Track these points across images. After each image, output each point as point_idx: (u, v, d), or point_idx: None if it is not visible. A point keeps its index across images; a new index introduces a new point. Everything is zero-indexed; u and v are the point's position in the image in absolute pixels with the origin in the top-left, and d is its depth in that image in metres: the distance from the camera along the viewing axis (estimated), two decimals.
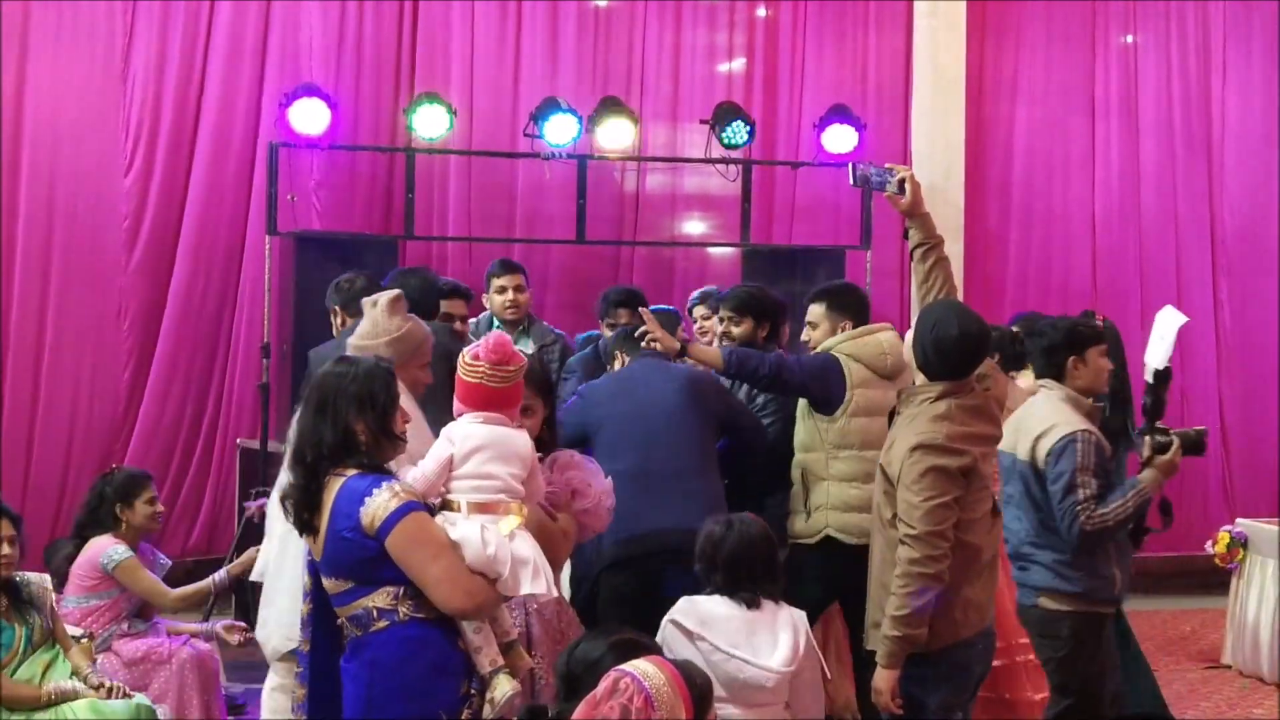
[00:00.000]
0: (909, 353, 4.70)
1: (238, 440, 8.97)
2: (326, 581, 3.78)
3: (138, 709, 5.14)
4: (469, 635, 3.75)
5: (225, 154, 9.19)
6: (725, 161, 9.31)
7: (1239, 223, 10.67)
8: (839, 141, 9.38)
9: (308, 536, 3.81)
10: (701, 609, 4.48)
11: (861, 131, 9.36)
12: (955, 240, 9.40)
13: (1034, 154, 10.53)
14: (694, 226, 10.23)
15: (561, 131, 8.78)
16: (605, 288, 9.67)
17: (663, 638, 4.40)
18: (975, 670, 4.66)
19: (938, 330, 4.54)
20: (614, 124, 8.93)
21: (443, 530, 3.72)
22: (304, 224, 9.04)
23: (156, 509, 6.19)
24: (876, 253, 9.47)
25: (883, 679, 4.45)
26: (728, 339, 6.42)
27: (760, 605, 4.52)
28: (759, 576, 4.57)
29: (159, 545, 6.56)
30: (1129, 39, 10.64)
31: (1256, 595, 7.96)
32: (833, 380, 5.79)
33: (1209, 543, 8.18)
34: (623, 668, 2.96)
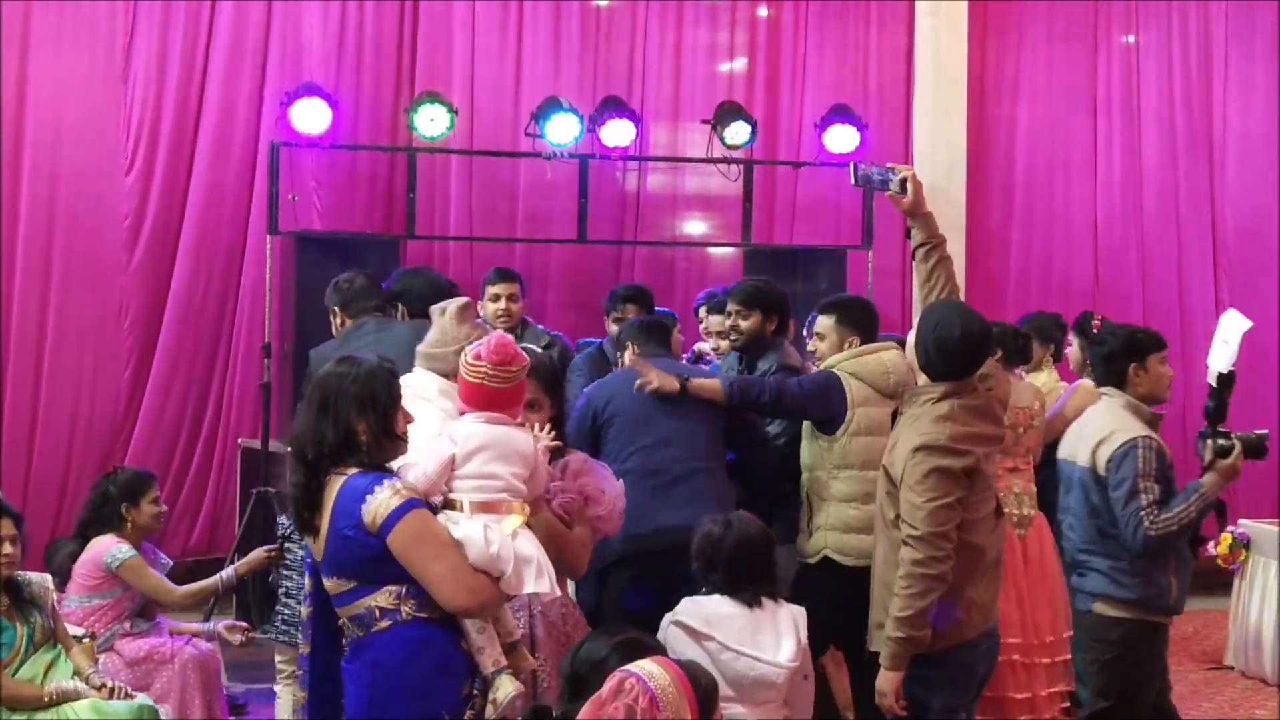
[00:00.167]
0: (911, 354, 4.69)
1: (239, 440, 8.96)
2: (328, 581, 3.75)
3: (140, 709, 5.13)
4: (472, 635, 3.74)
5: (226, 153, 9.18)
6: (727, 161, 9.31)
7: (1240, 222, 10.66)
8: (840, 141, 9.38)
9: (308, 536, 3.79)
10: (706, 609, 4.48)
11: (863, 131, 9.37)
12: (957, 240, 9.40)
13: (1035, 154, 10.54)
14: (695, 226, 10.22)
15: (563, 131, 8.78)
16: (607, 287, 9.67)
17: (664, 638, 4.38)
18: (979, 671, 4.66)
19: (940, 330, 4.53)
20: (616, 124, 8.92)
21: (445, 528, 3.71)
22: (305, 223, 9.03)
23: (160, 509, 6.20)
24: (878, 253, 9.47)
25: (887, 680, 4.45)
26: (735, 332, 6.35)
27: (761, 604, 4.53)
28: (758, 576, 4.57)
29: (159, 545, 6.55)
30: (1130, 39, 10.65)
31: (1259, 596, 7.96)
32: (833, 399, 5.67)
33: (1211, 544, 8.16)
34: (628, 668, 2.95)
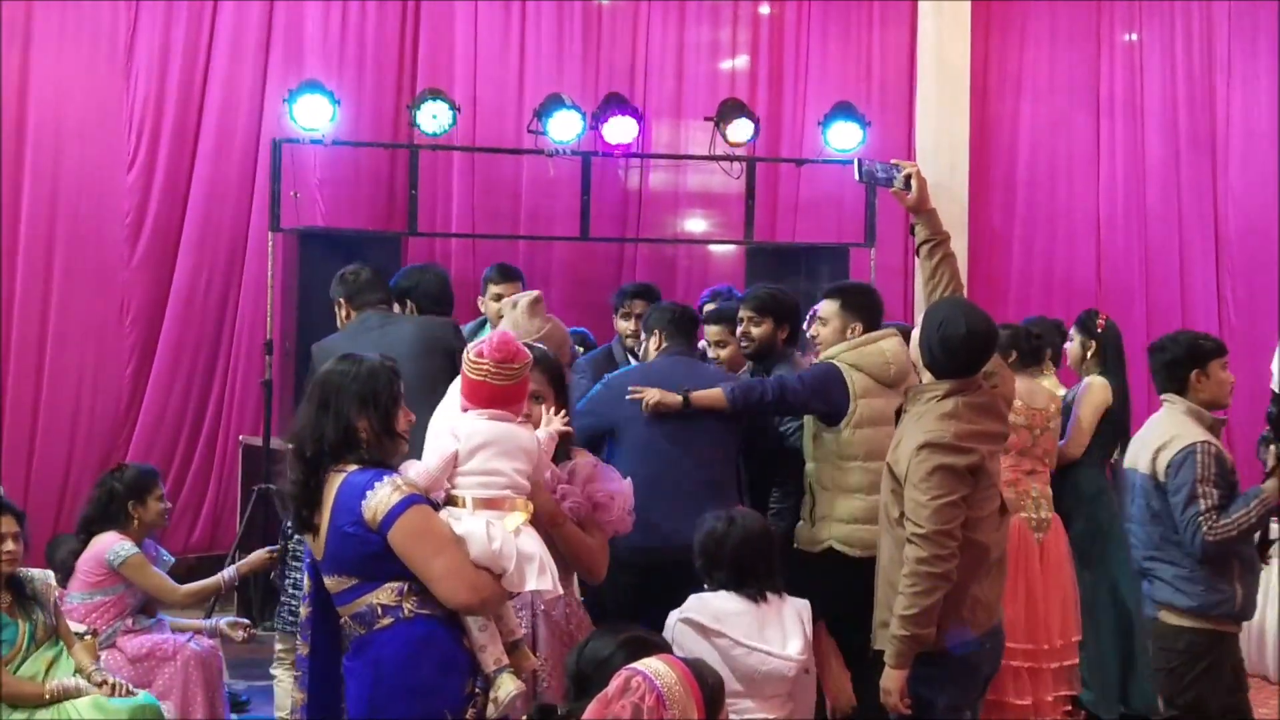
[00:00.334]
0: (915, 351, 4.67)
1: (240, 437, 8.96)
2: (328, 580, 3.73)
3: (143, 707, 5.12)
4: (474, 633, 3.72)
5: (228, 150, 9.16)
6: (729, 158, 9.30)
7: (1243, 220, 10.63)
8: (843, 138, 9.37)
9: (308, 535, 3.77)
10: (714, 606, 4.46)
11: (866, 128, 9.35)
12: (959, 237, 9.38)
13: (1038, 151, 10.53)
14: (698, 224, 10.21)
15: (565, 128, 8.76)
16: (609, 285, 9.70)
17: (671, 636, 4.37)
18: (983, 670, 4.64)
19: (945, 328, 4.50)
20: (618, 121, 8.90)
21: (446, 524, 3.69)
22: (307, 220, 9.01)
23: (166, 506, 6.20)
24: (881, 250, 9.46)
25: (891, 679, 4.42)
26: (747, 339, 6.32)
27: (766, 599, 4.52)
28: (762, 571, 4.56)
29: (161, 542, 6.54)
30: (1133, 37, 10.63)
31: (1262, 596, 7.90)
32: (835, 392, 5.63)
33: None
34: (634, 666, 2.94)
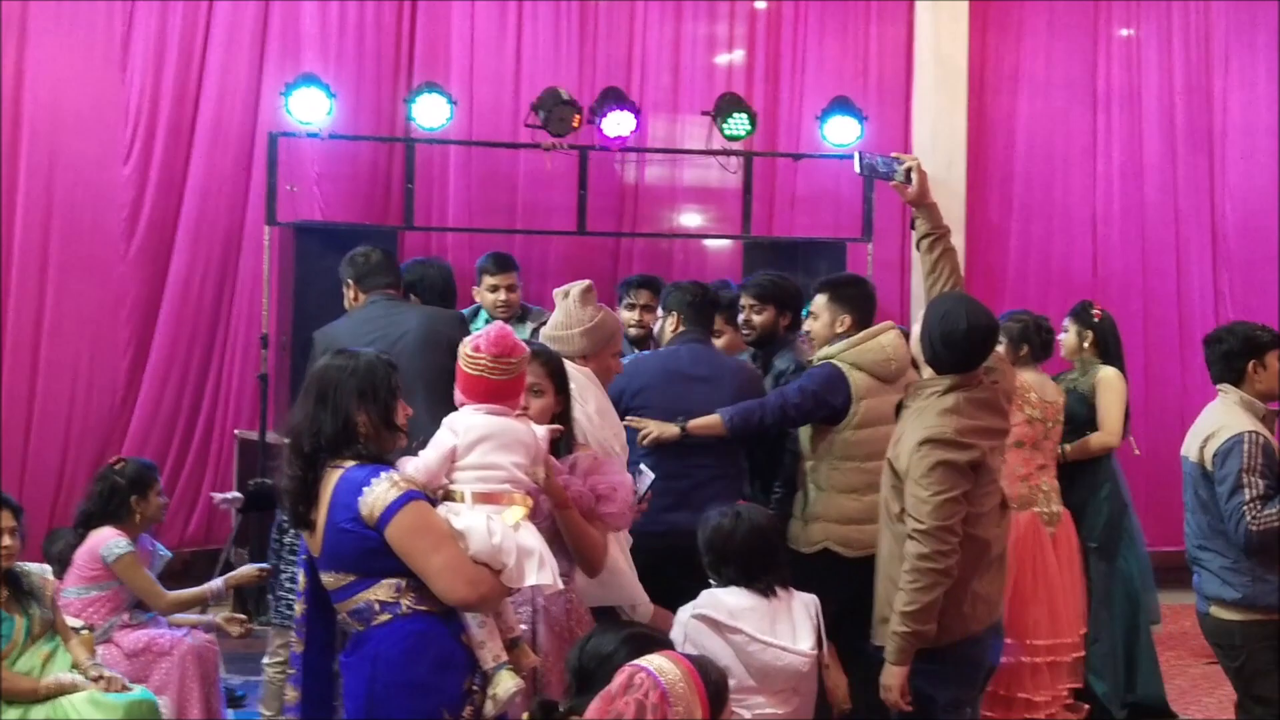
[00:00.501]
0: (916, 346, 4.65)
1: (236, 431, 8.93)
2: (326, 576, 3.71)
3: (139, 703, 5.09)
4: (473, 630, 3.70)
5: (224, 143, 9.12)
6: (726, 153, 9.28)
7: (1241, 215, 10.64)
8: (840, 133, 9.35)
9: (305, 531, 3.75)
10: (727, 602, 4.43)
11: (863, 123, 9.34)
12: (957, 232, 9.29)
13: (1036, 146, 10.50)
14: (695, 218, 10.19)
15: (563, 123, 8.72)
16: (606, 280, 9.66)
17: (684, 633, 4.35)
18: (984, 665, 4.64)
19: (946, 323, 4.49)
20: (616, 116, 8.86)
21: (444, 520, 3.66)
22: (303, 214, 8.99)
23: (164, 500, 6.19)
24: (878, 245, 9.44)
25: (892, 675, 4.42)
26: (748, 326, 6.31)
27: (776, 593, 4.49)
28: (770, 565, 4.54)
29: (156, 536, 6.52)
30: (1131, 32, 10.61)
31: None
32: (836, 395, 5.60)
33: None
34: (637, 663, 2.92)
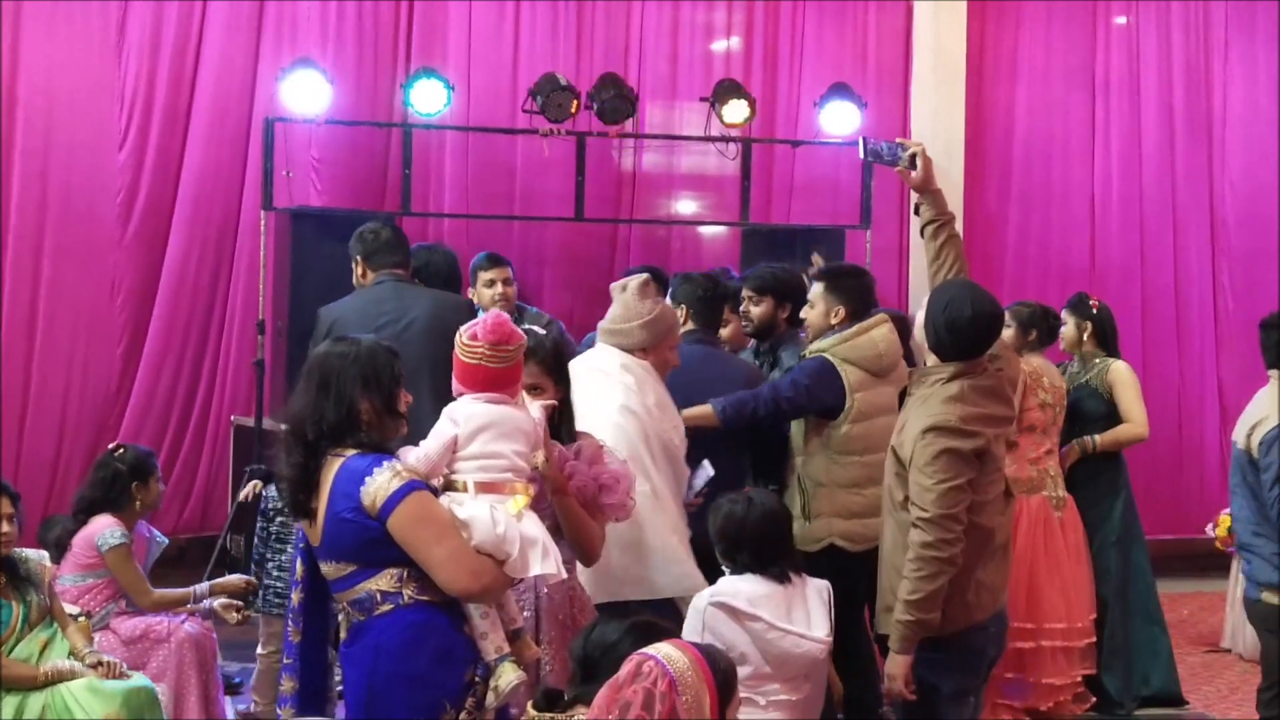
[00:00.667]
0: (920, 333, 4.63)
1: (232, 417, 8.90)
2: (326, 566, 3.69)
3: (137, 690, 5.06)
4: (475, 621, 3.67)
5: (220, 128, 9.09)
6: (725, 140, 9.25)
7: (1241, 204, 10.62)
8: (839, 120, 9.32)
9: (304, 520, 3.71)
10: (744, 589, 4.40)
11: (862, 110, 9.30)
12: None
13: (1034, 134, 10.47)
14: (693, 205, 10.16)
15: (561, 108, 8.68)
16: (603, 267, 9.69)
17: (703, 621, 4.32)
18: (989, 654, 4.61)
19: (950, 310, 4.45)
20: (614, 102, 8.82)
21: (447, 510, 3.63)
22: (300, 200, 8.94)
23: (163, 487, 6.16)
24: (876, 233, 9.41)
25: (896, 664, 4.38)
26: (747, 318, 6.27)
27: (790, 580, 4.47)
28: (783, 551, 4.52)
29: (152, 523, 6.48)
30: (1129, 19, 10.58)
31: None
32: (831, 390, 5.56)
33: (1210, 526, 8.15)
34: (645, 651, 2.89)
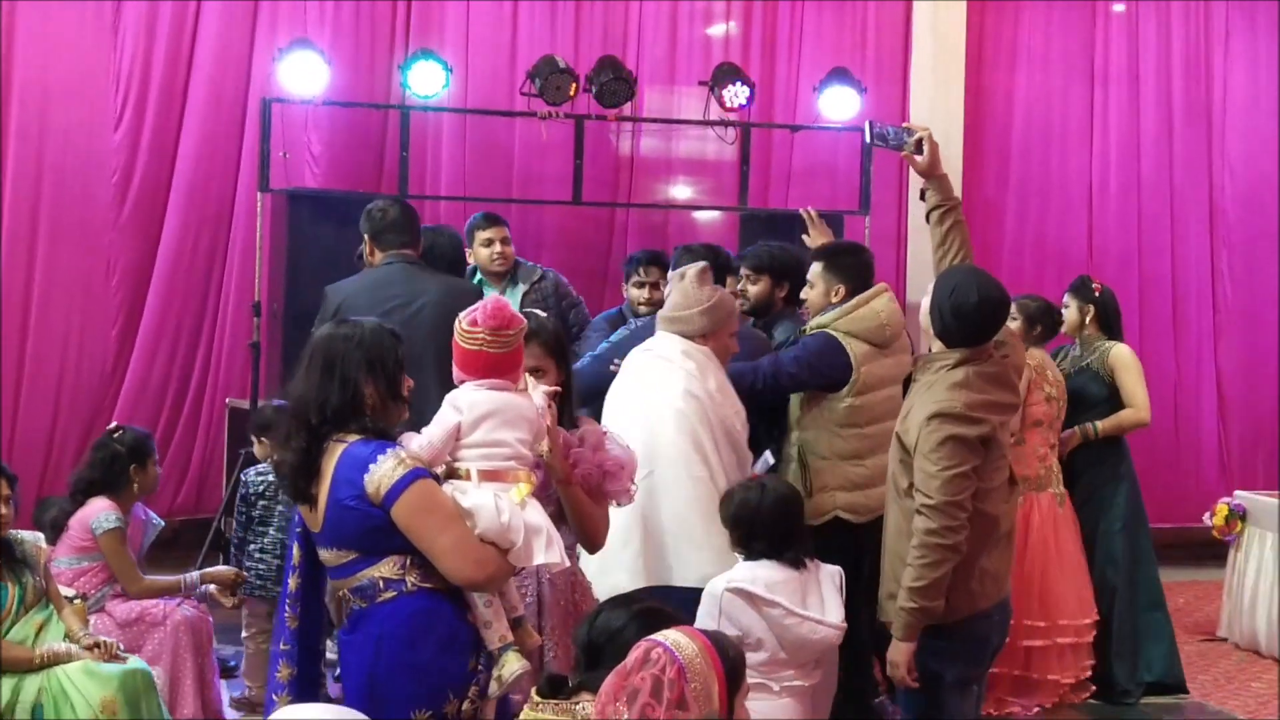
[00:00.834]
0: (925, 319, 4.60)
1: (227, 400, 8.84)
2: (326, 553, 3.65)
3: (133, 673, 5.03)
4: (479, 609, 3.64)
5: (217, 109, 9.04)
6: (724, 124, 9.20)
7: (1240, 192, 10.61)
8: (838, 105, 9.27)
9: (303, 506, 3.67)
10: (762, 575, 4.37)
11: (862, 95, 9.26)
12: None
13: (1033, 121, 10.44)
14: (691, 190, 10.10)
15: (560, 91, 8.63)
16: (600, 251, 9.66)
17: (719, 607, 4.29)
18: (992, 642, 4.59)
19: (957, 296, 4.42)
20: (613, 85, 8.76)
21: (451, 498, 3.60)
22: (296, 181, 8.88)
23: (159, 470, 6.13)
24: (875, 218, 9.36)
25: (899, 652, 4.36)
26: (744, 297, 6.22)
27: (805, 565, 4.45)
28: (797, 536, 4.50)
29: (146, 504, 6.45)
30: (1127, 8, 10.54)
31: (1255, 568, 7.93)
32: (834, 363, 5.55)
33: (1207, 515, 8.15)
34: (654, 638, 2.87)
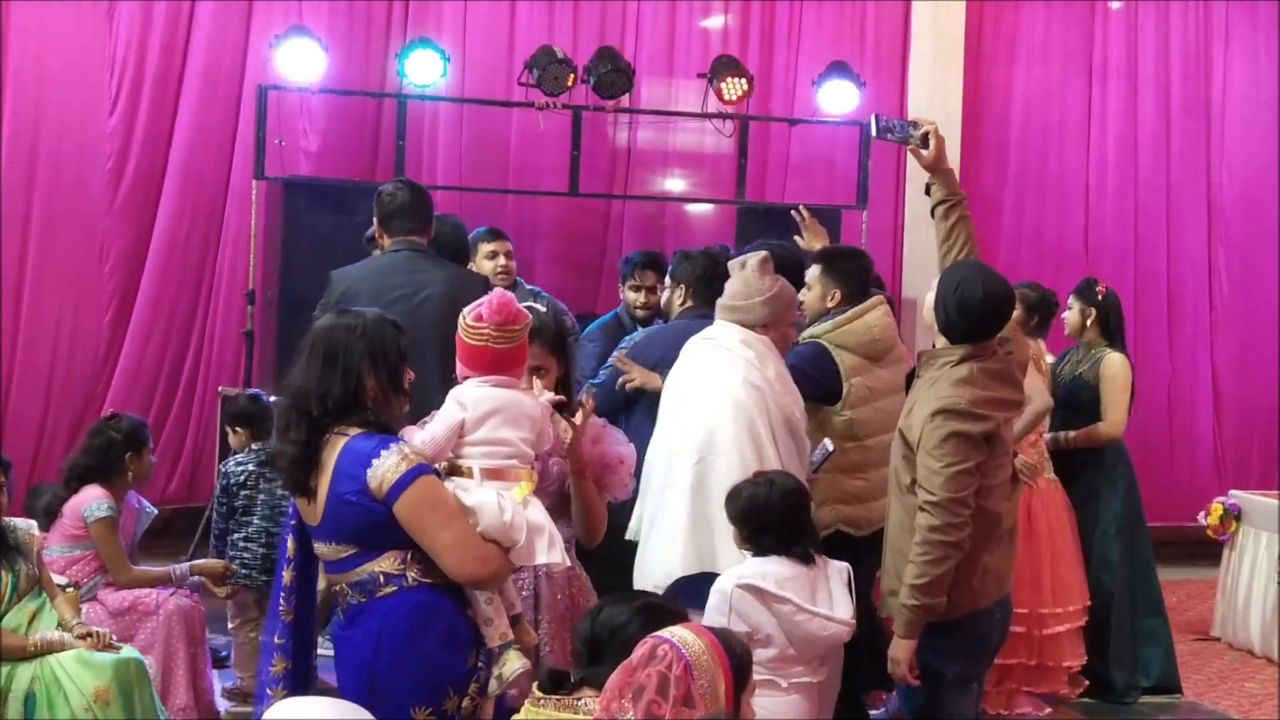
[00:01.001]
0: (929, 314, 4.57)
1: (219, 388, 8.78)
2: (324, 547, 3.63)
3: (126, 662, 4.99)
4: (481, 606, 3.62)
5: (212, 96, 8.98)
6: (722, 116, 9.17)
7: (1238, 189, 10.61)
8: (837, 99, 9.26)
9: (301, 499, 3.64)
10: (772, 571, 4.35)
11: (860, 89, 9.23)
12: None
13: (1031, 116, 10.43)
14: (688, 182, 10.06)
15: (557, 81, 8.59)
16: (597, 243, 9.61)
17: (729, 603, 4.27)
18: (993, 640, 4.57)
19: (961, 291, 4.38)
20: (610, 76, 8.73)
21: (453, 495, 3.58)
22: (291, 169, 8.82)
23: (153, 458, 6.11)
24: (872, 213, 9.36)
25: (900, 649, 4.33)
26: None
27: (814, 561, 4.43)
28: (806, 531, 4.47)
29: (140, 493, 6.42)
30: (1125, 3, 10.52)
31: (1249, 568, 7.93)
32: (825, 375, 5.51)
33: (1201, 514, 8.15)
34: (660, 634, 2.84)
